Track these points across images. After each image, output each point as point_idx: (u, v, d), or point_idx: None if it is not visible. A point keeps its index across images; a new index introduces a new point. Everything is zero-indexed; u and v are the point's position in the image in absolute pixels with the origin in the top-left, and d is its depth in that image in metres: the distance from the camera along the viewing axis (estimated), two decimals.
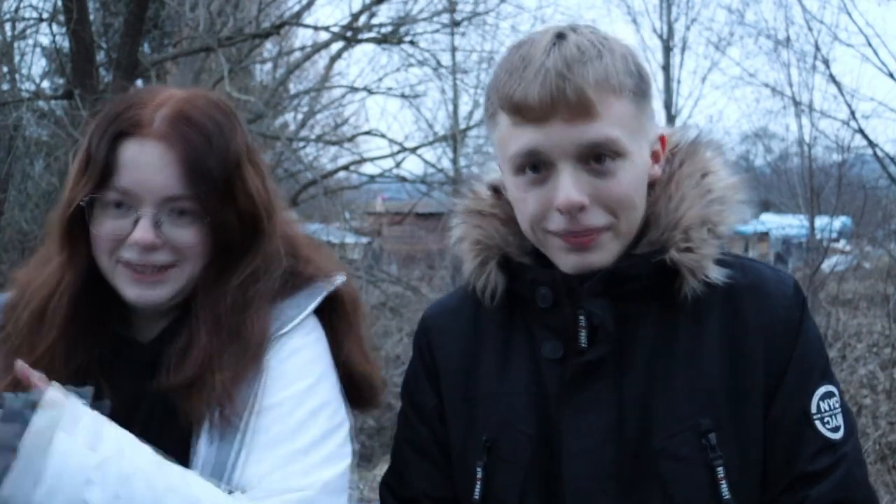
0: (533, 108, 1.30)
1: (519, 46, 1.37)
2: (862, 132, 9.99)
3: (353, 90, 10.71)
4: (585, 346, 1.35)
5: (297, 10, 9.61)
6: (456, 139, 12.62)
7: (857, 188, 10.90)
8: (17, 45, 7.54)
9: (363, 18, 9.25)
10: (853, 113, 10.00)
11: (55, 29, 6.76)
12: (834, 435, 1.34)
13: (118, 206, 1.40)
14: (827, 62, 11.08)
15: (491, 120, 1.40)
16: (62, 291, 1.43)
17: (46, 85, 8.61)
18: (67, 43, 6.31)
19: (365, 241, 15.44)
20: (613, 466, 1.33)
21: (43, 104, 6.79)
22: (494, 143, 1.41)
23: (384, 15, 9.67)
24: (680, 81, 22.28)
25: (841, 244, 12.81)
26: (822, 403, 1.34)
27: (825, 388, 1.36)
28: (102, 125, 1.43)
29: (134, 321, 1.50)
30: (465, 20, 9.72)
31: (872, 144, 9.97)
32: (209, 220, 1.41)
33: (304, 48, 11.23)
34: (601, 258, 1.35)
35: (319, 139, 11.81)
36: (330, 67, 11.74)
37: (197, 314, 1.44)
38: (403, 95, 10.86)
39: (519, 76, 1.31)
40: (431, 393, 1.50)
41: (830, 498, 1.31)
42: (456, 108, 15.54)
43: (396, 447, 1.56)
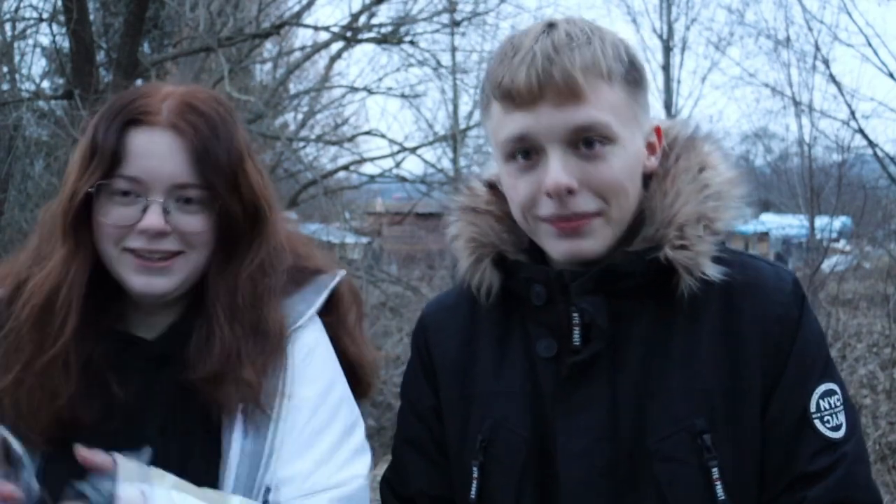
0: (521, 92, 1.30)
1: (511, 37, 1.38)
2: (862, 132, 10.01)
3: (353, 90, 10.72)
4: (579, 344, 1.35)
5: (297, 10, 9.61)
6: (456, 139, 12.61)
7: (857, 188, 10.90)
8: (17, 45, 7.54)
9: (363, 18, 9.25)
10: (853, 113, 10.02)
11: (55, 29, 6.76)
12: (834, 434, 1.32)
13: (126, 194, 1.41)
14: (827, 62, 11.11)
15: (485, 112, 1.40)
16: (70, 284, 1.41)
17: (46, 85, 8.62)
18: (67, 43, 6.31)
19: (365, 241, 15.44)
20: (607, 466, 1.33)
21: (43, 104, 6.80)
22: (488, 133, 1.41)
23: (384, 15, 9.69)
24: (680, 81, 22.27)
25: (841, 244, 12.81)
26: (822, 402, 1.33)
27: (826, 386, 1.34)
28: (108, 115, 1.43)
29: (132, 317, 1.50)
30: (465, 20, 9.72)
31: (872, 144, 9.98)
32: (219, 206, 1.43)
33: (304, 48, 11.24)
34: (592, 245, 1.34)
35: (319, 139, 11.80)
36: (330, 67, 11.75)
37: (213, 307, 1.45)
38: (403, 95, 10.87)
39: (508, 62, 1.32)
40: (429, 391, 1.50)
41: (829, 498, 1.30)
42: (456, 108, 15.54)
43: (396, 445, 1.56)
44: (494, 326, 1.46)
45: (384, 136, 9.88)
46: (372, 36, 9.15)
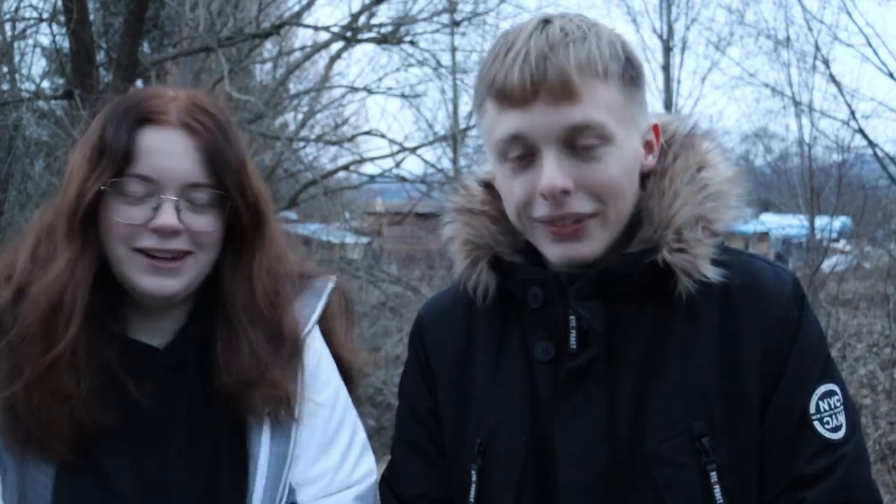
0: (514, 90, 1.27)
1: (506, 33, 1.35)
2: (862, 132, 10.00)
3: (353, 90, 10.71)
4: (575, 347, 1.33)
5: (297, 10, 9.61)
6: (456, 139, 12.60)
7: (857, 188, 10.90)
8: (17, 45, 7.53)
9: (363, 18, 9.25)
10: (853, 113, 10.02)
11: (55, 29, 6.75)
12: (834, 435, 1.31)
13: (137, 193, 1.40)
14: (827, 62, 11.12)
15: (479, 109, 1.37)
16: (76, 284, 1.39)
17: (46, 85, 8.61)
18: (67, 43, 6.30)
19: (365, 241, 15.43)
20: (606, 470, 1.32)
21: (43, 104, 6.79)
22: (482, 131, 1.39)
23: (384, 15, 9.69)
24: (680, 81, 22.26)
25: (841, 244, 12.81)
26: (821, 403, 1.32)
27: (825, 386, 1.33)
28: (117, 115, 1.42)
29: (133, 321, 1.49)
30: (465, 20, 9.71)
31: (872, 144, 9.97)
32: (229, 206, 1.44)
33: (304, 48, 11.24)
34: (589, 248, 1.32)
35: (319, 139, 11.80)
36: (330, 67, 11.74)
37: (234, 311, 1.47)
38: (403, 95, 10.87)
39: (501, 60, 1.29)
40: (426, 393, 1.49)
41: (829, 500, 1.29)
42: (456, 108, 15.53)
43: (394, 446, 1.55)
44: (491, 328, 1.45)
45: (384, 136, 9.89)
46: (372, 36, 9.14)
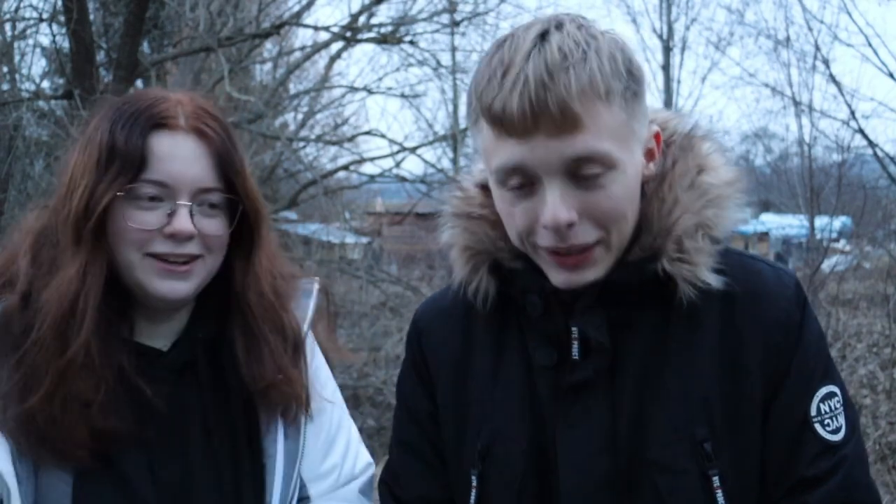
0: (513, 121, 1.21)
1: (500, 45, 1.27)
2: (862, 132, 10.00)
3: (352, 90, 10.69)
4: (578, 358, 1.32)
5: (297, 10, 9.60)
6: (456, 139, 12.59)
7: (857, 188, 10.90)
8: (17, 45, 7.53)
9: (363, 18, 9.24)
10: (853, 113, 10.01)
11: (55, 29, 6.74)
12: (834, 437, 1.30)
13: (151, 198, 1.40)
14: (827, 62, 11.12)
15: (474, 125, 1.31)
16: (88, 291, 1.38)
17: (46, 85, 8.60)
18: (67, 43, 6.30)
19: (365, 241, 15.44)
20: (608, 477, 1.31)
21: (43, 104, 6.78)
22: (478, 147, 1.34)
23: (384, 15, 9.69)
24: (680, 81, 22.30)
25: (841, 244, 12.82)
26: (822, 405, 1.31)
27: (826, 388, 1.32)
28: (125, 119, 1.41)
29: (137, 325, 1.48)
30: (465, 20, 9.70)
31: (872, 144, 9.97)
32: (239, 210, 1.46)
33: (304, 48, 11.23)
34: (594, 274, 1.30)
35: (319, 139, 11.80)
36: (330, 67, 11.74)
37: (248, 311, 1.49)
38: (403, 95, 10.85)
39: (498, 84, 1.22)
40: (424, 396, 1.48)
41: (830, 502, 1.28)
42: (456, 108, 15.55)
43: (392, 447, 1.54)
44: (491, 332, 1.43)
45: (384, 136, 9.87)
46: (372, 36, 9.13)
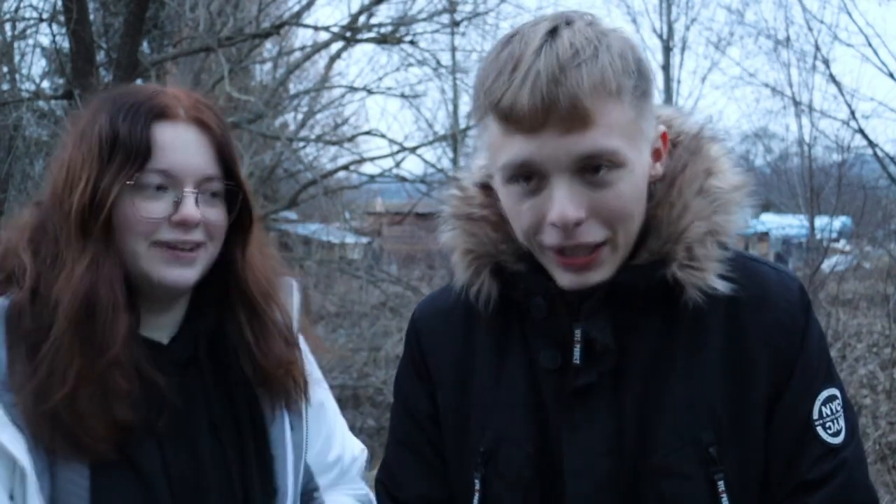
0: (523, 116, 1.20)
1: (508, 41, 1.25)
2: (862, 132, 9.99)
3: (352, 90, 10.67)
4: (579, 362, 1.31)
5: (297, 10, 9.59)
6: (456, 139, 12.59)
7: (857, 188, 10.91)
8: (17, 45, 7.53)
9: (363, 18, 9.24)
10: (853, 113, 10.00)
11: (55, 29, 6.74)
12: (834, 440, 1.31)
13: (157, 188, 1.41)
14: (827, 62, 11.10)
15: (480, 122, 1.29)
16: (110, 283, 1.37)
17: (46, 85, 8.60)
18: (67, 43, 6.29)
19: (365, 241, 15.45)
20: (613, 481, 1.30)
21: (43, 104, 6.78)
22: (484, 144, 1.32)
23: (384, 15, 9.66)
24: (680, 81, 22.30)
25: (841, 244, 12.82)
26: (824, 408, 1.32)
27: (828, 391, 1.33)
28: (125, 110, 1.42)
29: (141, 319, 1.47)
30: (465, 20, 9.69)
31: (872, 144, 9.96)
32: (239, 199, 1.49)
33: (304, 48, 11.21)
34: (600, 275, 1.29)
35: (319, 139, 11.79)
36: (329, 67, 11.72)
37: (252, 297, 1.52)
38: (403, 95, 10.83)
39: (507, 79, 1.21)
40: (423, 395, 1.47)
41: (831, 503, 1.29)
42: (456, 107, 15.57)
43: (390, 446, 1.53)
44: (493, 335, 1.42)
45: (384, 136, 9.85)
46: (371, 36, 9.13)
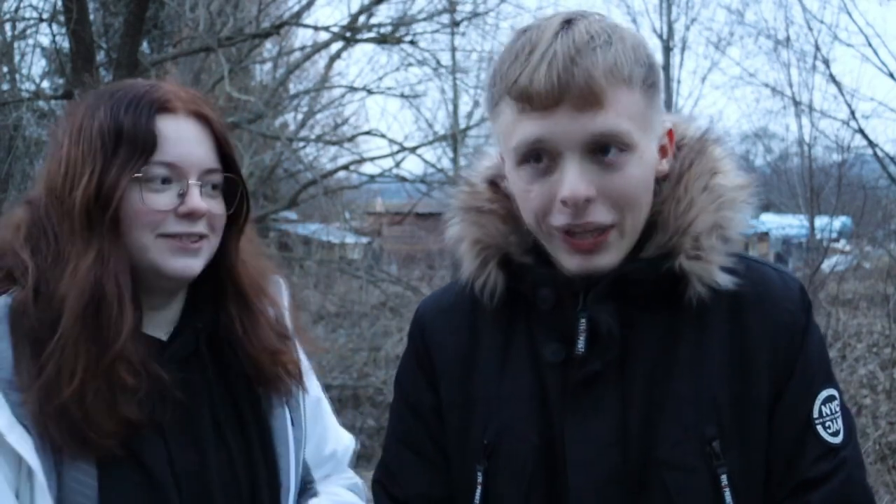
0: (539, 94, 1.23)
1: (525, 31, 1.30)
2: (862, 132, 9.99)
3: (352, 90, 10.67)
4: (583, 351, 1.32)
5: (296, 10, 9.59)
6: (456, 139, 12.60)
7: (857, 188, 10.92)
8: (17, 45, 7.54)
9: (362, 18, 9.23)
10: (853, 113, 10.00)
11: (55, 29, 6.74)
12: (834, 439, 1.32)
13: (162, 180, 1.41)
14: (827, 62, 11.09)
15: (494, 109, 1.33)
16: (118, 277, 1.37)
17: (46, 85, 8.61)
18: (67, 43, 6.29)
19: (365, 241, 15.46)
20: (617, 474, 1.31)
21: (43, 104, 6.78)
22: (497, 134, 1.35)
23: (384, 14, 9.66)
24: (680, 81, 22.23)
25: (841, 244, 12.83)
26: (823, 408, 1.33)
27: (827, 391, 1.34)
28: (127, 104, 1.42)
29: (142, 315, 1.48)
30: (465, 20, 9.69)
31: (872, 144, 9.96)
32: (240, 191, 1.50)
33: (303, 48, 11.22)
34: (607, 260, 1.31)
35: (319, 139, 11.80)
36: (329, 67, 11.72)
37: (243, 289, 1.53)
38: (403, 95, 10.84)
39: (524, 60, 1.25)
40: (428, 391, 1.47)
41: (831, 501, 1.30)
42: (456, 107, 15.53)
43: (389, 445, 1.52)
44: (497, 328, 1.43)
45: (384, 136, 9.87)
46: (371, 36, 9.13)
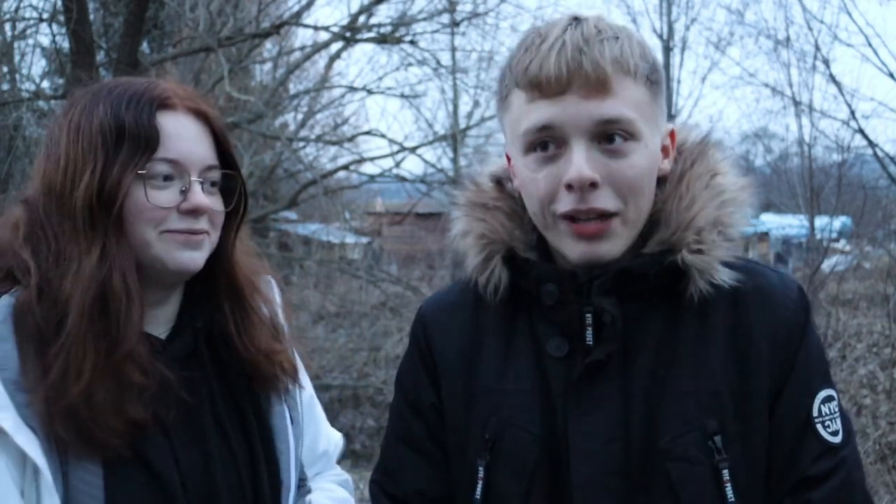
0: (549, 80, 1.28)
1: (536, 28, 1.37)
2: (862, 132, 9.99)
3: (352, 90, 10.67)
4: (591, 343, 1.34)
5: (296, 10, 9.60)
6: (456, 139, 12.63)
7: (857, 188, 10.91)
8: (17, 45, 7.54)
9: (362, 18, 9.24)
10: (853, 113, 10.00)
11: (55, 29, 6.74)
12: (834, 439, 1.34)
13: (164, 177, 1.41)
14: (827, 62, 11.07)
15: (503, 102, 1.38)
16: (123, 274, 1.36)
17: (46, 85, 8.61)
18: (67, 43, 6.30)
19: (365, 241, 15.47)
20: (619, 466, 1.32)
21: (43, 104, 6.78)
22: (505, 125, 1.40)
23: (383, 14, 9.66)
24: (680, 81, 22.17)
25: (841, 244, 12.83)
26: (823, 407, 1.35)
27: (826, 391, 1.36)
28: (127, 100, 1.41)
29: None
30: (464, 20, 9.69)
31: (872, 144, 9.96)
32: (239, 188, 1.50)
33: (303, 48, 11.22)
34: (610, 248, 1.33)
35: (319, 139, 11.80)
36: (329, 67, 11.73)
37: (238, 286, 1.53)
38: (403, 95, 10.84)
39: (535, 50, 1.31)
40: (430, 389, 1.48)
41: (830, 501, 1.31)
42: (456, 107, 15.54)
43: (388, 444, 1.53)
44: (500, 324, 1.45)
45: (384, 135, 9.88)
46: (371, 36, 9.13)
